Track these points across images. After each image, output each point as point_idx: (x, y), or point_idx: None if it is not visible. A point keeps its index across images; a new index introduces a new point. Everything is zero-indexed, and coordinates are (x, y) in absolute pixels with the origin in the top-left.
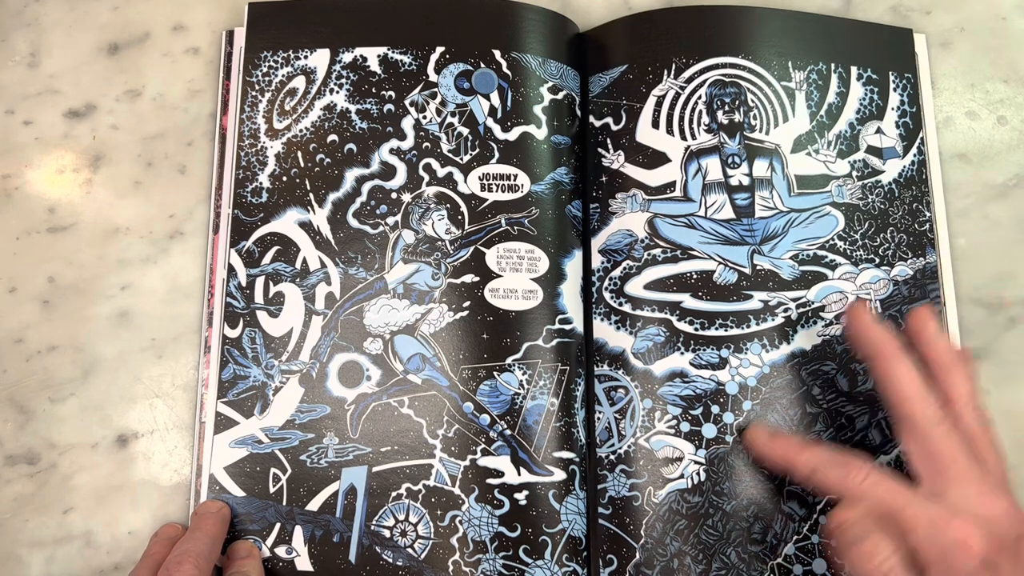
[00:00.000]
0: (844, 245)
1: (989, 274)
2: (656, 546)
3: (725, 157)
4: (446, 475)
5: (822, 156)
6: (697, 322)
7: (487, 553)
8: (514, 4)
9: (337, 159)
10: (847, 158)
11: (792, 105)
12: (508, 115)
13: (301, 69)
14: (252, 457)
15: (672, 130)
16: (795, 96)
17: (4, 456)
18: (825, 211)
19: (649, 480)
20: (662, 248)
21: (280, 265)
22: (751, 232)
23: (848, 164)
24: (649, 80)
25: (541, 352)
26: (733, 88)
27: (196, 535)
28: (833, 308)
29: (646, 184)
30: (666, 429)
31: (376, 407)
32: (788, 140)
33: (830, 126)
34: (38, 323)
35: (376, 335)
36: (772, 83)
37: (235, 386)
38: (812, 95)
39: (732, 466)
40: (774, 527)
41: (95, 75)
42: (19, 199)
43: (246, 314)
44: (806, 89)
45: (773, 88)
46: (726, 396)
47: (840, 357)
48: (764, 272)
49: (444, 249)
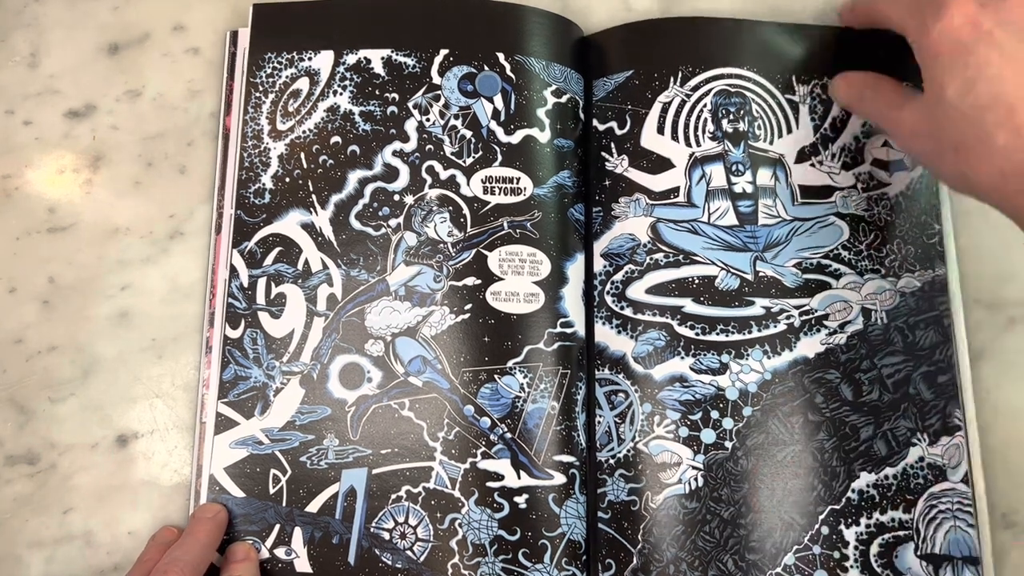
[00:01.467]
0: (849, 255)
1: (989, 274)
2: (653, 551)
3: (729, 165)
4: (446, 478)
5: (826, 168)
6: (698, 327)
7: (486, 556)
8: (518, 7)
9: (340, 161)
10: (852, 170)
11: (796, 117)
12: (511, 118)
13: (305, 71)
14: (252, 458)
15: (677, 136)
16: (799, 109)
17: (4, 456)
18: (830, 221)
19: (647, 485)
20: (664, 252)
21: (282, 266)
22: (754, 239)
23: (853, 176)
24: (655, 86)
25: (542, 355)
26: (738, 98)
27: (187, 541)
28: (837, 317)
29: (649, 189)
30: (665, 434)
31: (377, 409)
32: (792, 151)
33: (834, 139)
34: (38, 323)
35: (377, 337)
36: (776, 95)
37: (236, 387)
38: (816, 108)
39: (732, 472)
40: (773, 536)
41: (95, 75)
42: (19, 199)
43: (248, 315)
44: (809, 103)
45: (777, 100)
46: (726, 401)
47: (844, 366)
48: (767, 279)
49: (446, 252)
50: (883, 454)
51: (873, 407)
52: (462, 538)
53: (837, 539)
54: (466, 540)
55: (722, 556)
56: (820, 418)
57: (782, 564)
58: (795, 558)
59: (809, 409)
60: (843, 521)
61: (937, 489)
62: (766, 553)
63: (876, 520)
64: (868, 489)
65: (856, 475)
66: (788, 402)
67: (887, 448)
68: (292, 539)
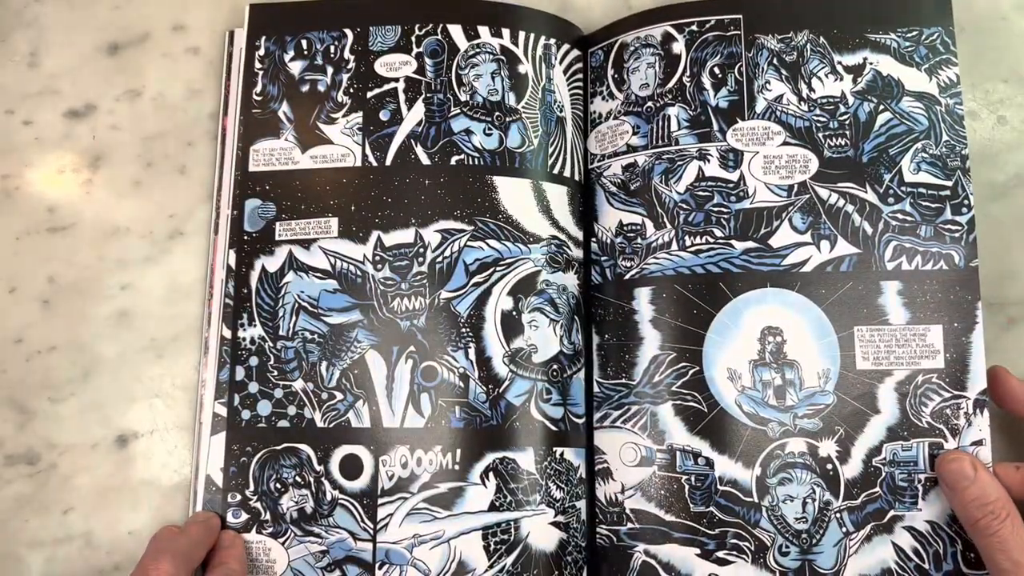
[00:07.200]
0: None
1: (989, 274)
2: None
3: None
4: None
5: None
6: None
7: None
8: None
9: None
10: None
11: None
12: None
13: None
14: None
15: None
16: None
17: (4, 456)
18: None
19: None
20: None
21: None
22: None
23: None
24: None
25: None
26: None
27: (179, 536)
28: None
29: None
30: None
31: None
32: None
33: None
34: (38, 323)
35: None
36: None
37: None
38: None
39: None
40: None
41: (95, 75)
42: (19, 199)
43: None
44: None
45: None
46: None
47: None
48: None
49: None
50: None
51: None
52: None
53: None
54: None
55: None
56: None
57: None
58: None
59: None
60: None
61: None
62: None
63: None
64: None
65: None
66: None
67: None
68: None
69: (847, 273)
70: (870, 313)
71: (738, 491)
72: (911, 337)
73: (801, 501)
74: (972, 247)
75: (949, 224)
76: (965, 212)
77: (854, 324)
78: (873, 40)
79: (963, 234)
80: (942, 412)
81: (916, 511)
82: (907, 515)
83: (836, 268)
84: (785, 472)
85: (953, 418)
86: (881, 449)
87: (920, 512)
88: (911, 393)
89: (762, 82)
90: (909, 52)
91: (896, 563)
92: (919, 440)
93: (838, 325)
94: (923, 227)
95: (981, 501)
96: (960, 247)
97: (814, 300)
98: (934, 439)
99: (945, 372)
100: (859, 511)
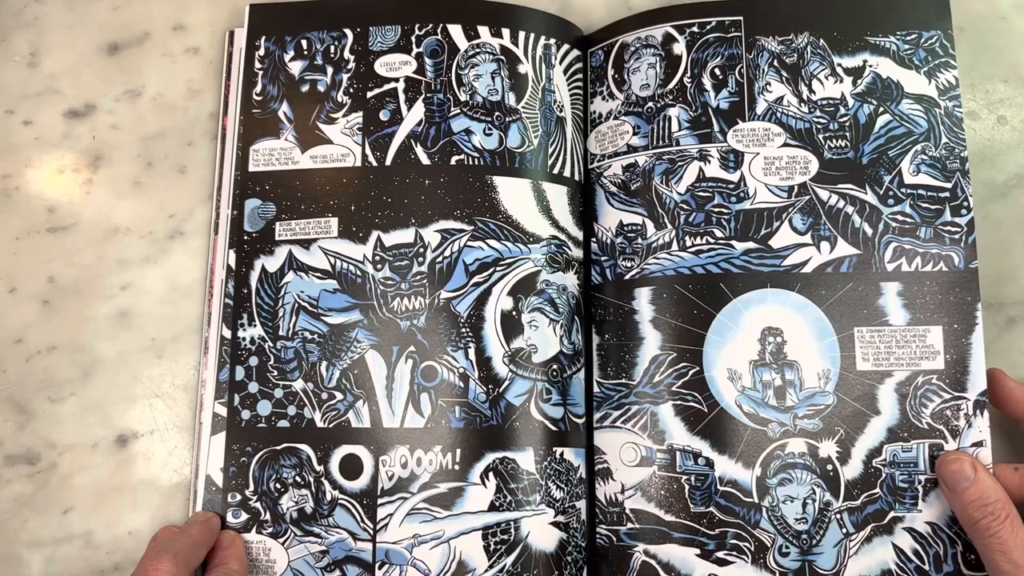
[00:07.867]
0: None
1: (989, 274)
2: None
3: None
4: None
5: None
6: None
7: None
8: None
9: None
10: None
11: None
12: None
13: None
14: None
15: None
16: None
17: (4, 456)
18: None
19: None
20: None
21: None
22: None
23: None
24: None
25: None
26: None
27: (179, 536)
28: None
29: None
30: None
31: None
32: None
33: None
34: (38, 323)
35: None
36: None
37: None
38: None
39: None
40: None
41: (95, 75)
42: (19, 199)
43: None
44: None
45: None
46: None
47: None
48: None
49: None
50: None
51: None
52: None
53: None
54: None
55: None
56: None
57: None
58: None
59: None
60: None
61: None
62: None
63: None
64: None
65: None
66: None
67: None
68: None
69: (847, 274)
70: (870, 314)
71: (738, 491)
72: (911, 338)
73: (801, 502)
74: (972, 249)
75: (949, 226)
76: (964, 214)
77: (854, 325)
78: (873, 43)
79: (963, 236)
80: (942, 413)
81: (916, 512)
82: (907, 516)
83: (836, 269)
84: (785, 472)
85: (953, 419)
86: (881, 450)
87: (920, 513)
88: (911, 394)
89: (763, 84)
90: (908, 55)
91: (896, 564)
92: (919, 441)
93: (838, 326)
94: (923, 228)
95: (981, 502)
96: (960, 248)
97: (814, 301)
98: (934, 440)
99: (945, 373)
100: (859, 512)
